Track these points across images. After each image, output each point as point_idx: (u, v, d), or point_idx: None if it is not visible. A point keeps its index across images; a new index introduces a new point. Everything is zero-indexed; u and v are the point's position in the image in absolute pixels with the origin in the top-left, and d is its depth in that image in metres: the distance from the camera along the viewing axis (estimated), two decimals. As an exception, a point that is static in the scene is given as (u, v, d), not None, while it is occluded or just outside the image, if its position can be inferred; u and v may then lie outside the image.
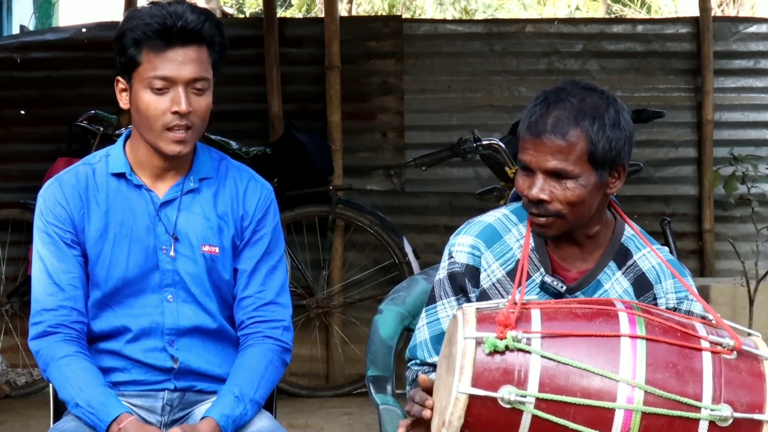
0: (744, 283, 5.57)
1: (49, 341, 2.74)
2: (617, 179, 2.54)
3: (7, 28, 11.58)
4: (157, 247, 2.78)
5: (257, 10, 14.23)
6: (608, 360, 2.16)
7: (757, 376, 2.19)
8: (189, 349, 2.81)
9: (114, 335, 2.80)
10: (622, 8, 14.37)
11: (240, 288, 2.85)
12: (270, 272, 2.86)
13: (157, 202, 2.79)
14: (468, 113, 6.46)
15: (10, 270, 6.23)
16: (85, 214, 2.78)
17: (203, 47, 2.71)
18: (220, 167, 2.87)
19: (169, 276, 2.78)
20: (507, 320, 2.17)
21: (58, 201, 2.78)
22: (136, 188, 2.80)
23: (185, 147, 2.73)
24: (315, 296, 6.01)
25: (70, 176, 2.81)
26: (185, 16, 2.67)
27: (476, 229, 2.66)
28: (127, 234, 2.77)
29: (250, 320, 2.84)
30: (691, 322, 2.28)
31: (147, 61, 2.69)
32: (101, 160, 2.84)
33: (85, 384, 2.68)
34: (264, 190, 2.88)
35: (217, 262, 2.81)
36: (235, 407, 2.70)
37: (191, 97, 2.70)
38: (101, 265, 2.77)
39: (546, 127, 2.46)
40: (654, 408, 2.14)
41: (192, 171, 2.82)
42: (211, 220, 2.81)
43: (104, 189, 2.80)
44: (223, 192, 2.84)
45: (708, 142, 6.44)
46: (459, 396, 2.13)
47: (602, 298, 2.41)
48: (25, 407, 5.64)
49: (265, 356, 2.81)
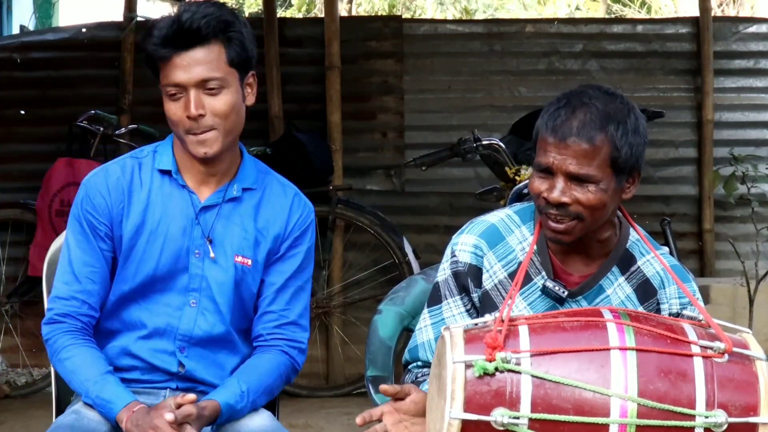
0: (744, 283, 5.57)
1: (55, 330, 2.75)
2: (632, 185, 2.54)
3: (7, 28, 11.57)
4: (191, 249, 2.77)
5: (257, 10, 14.22)
6: (599, 374, 2.15)
7: (750, 378, 2.18)
8: (198, 360, 2.80)
9: (127, 329, 2.79)
10: (622, 8, 14.36)
11: (265, 302, 2.83)
12: (297, 292, 2.85)
13: (198, 205, 2.78)
14: (468, 113, 6.46)
15: (10, 270, 6.23)
16: (125, 208, 2.77)
17: (213, 45, 2.67)
18: (265, 180, 2.85)
19: (197, 280, 2.77)
20: (495, 341, 2.16)
21: (99, 191, 2.77)
22: (180, 188, 2.78)
23: (210, 148, 2.70)
24: (315, 296, 6.01)
25: (116, 168, 2.80)
26: (183, 18, 2.65)
27: (479, 228, 2.65)
28: (162, 232, 2.76)
29: (271, 336, 2.83)
30: (680, 325, 2.27)
31: (161, 71, 2.69)
32: (149, 155, 2.82)
33: (87, 377, 2.69)
34: (307, 209, 2.87)
35: (248, 274, 2.79)
36: (239, 400, 2.70)
37: (204, 99, 2.67)
38: (132, 260, 2.76)
39: (572, 130, 2.44)
40: (648, 420, 2.13)
41: (236, 179, 2.80)
42: (249, 232, 2.80)
43: (147, 185, 2.79)
44: (265, 205, 2.82)
45: (708, 142, 6.44)
46: (452, 422, 2.12)
47: (589, 308, 2.39)
48: (25, 407, 5.65)
49: (278, 368, 2.81)
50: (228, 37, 2.68)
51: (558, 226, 2.49)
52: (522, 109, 6.14)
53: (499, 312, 2.29)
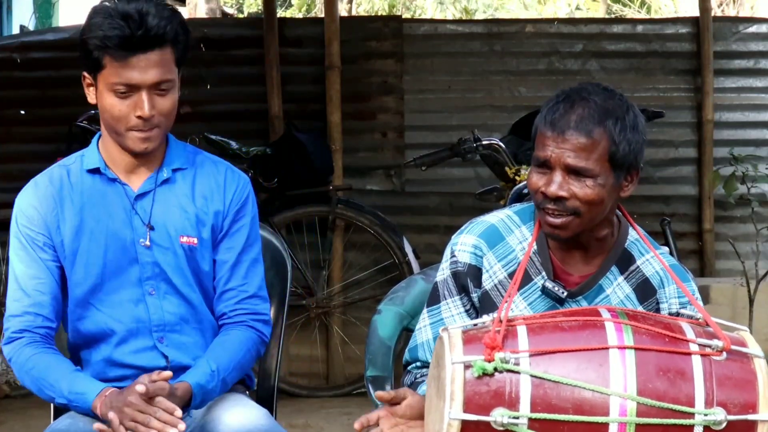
0: (744, 283, 5.58)
1: (15, 347, 2.75)
2: (630, 183, 2.54)
3: (7, 28, 11.58)
4: (135, 240, 2.78)
5: (257, 10, 14.23)
6: (598, 374, 2.15)
7: (748, 375, 2.18)
8: (178, 346, 2.81)
9: (101, 339, 2.80)
10: (622, 8, 14.37)
11: (222, 280, 2.85)
12: (252, 264, 2.87)
13: (132, 195, 2.79)
14: (468, 113, 6.46)
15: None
16: (59, 214, 2.78)
17: (166, 48, 2.69)
18: (195, 159, 2.87)
19: (149, 268, 2.78)
20: (494, 342, 2.16)
21: (31, 203, 2.79)
22: (111, 182, 2.80)
23: (151, 144, 2.73)
24: (315, 296, 6.01)
25: (44, 178, 2.83)
26: (147, 22, 2.64)
27: (479, 229, 2.65)
28: (103, 229, 2.77)
29: (234, 312, 2.85)
30: (678, 323, 2.27)
31: (110, 66, 2.68)
32: (76, 160, 2.85)
33: (56, 378, 2.69)
34: (242, 181, 2.88)
35: (196, 252, 2.81)
36: (210, 380, 2.71)
37: (154, 99, 2.69)
38: (79, 262, 2.77)
39: (570, 124, 2.44)
40: (647, 419, 2.13)
41: (165, 162, 2.82)
42: (189, 212, 2.81)
43: (79, 187, 2.80)
44: (200, 183, 2.84)
45: (708, 142, 6.44)
46: (451, 422, 2.12)
47: (587, 308, 2.40)
48: (25, 407, 5.64)
49: (245, 343, 2.82)
50: (178, 40, 2.72)
51: (555, 221, 2.49)
52: (522, 109, 6.14)
53: (497, 312, 2.29)
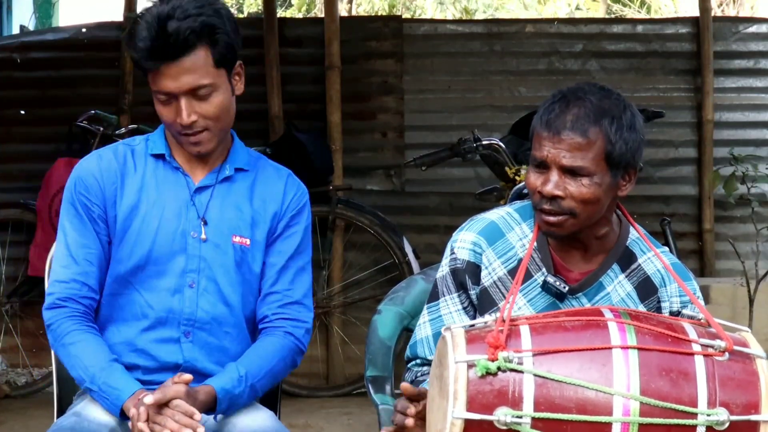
0: (744, 283, 5.58)
1: (57, 315, 2.74)
2: (628, 182, 2.54)
3: (7, 28, 11.57)
4: (186, 231, 2.77)
5: (257, 10, 14.23)
6: (601, 373, 2.15)
7: (750, 376, 2.18)
8: (201, 346, 2.78)
9: (130, 320, 2.78)
10: (622, 8, 14.36)
11: (268, 283, 2.83)
12: (299, 272, 2.85)
13: (192, 187, 2.79)
14: (468, 113, 6.46)
15: (10, 270, 6.23)
16: (118, 189, 2.77)
17: (199, 51, 2.65)
18: (258, 163, 2.87)
19: (195, 261, 2.76)
20: (497, 341, 2.16)
21: (92, 173, 2.78)
22: (174, 170, 2.80)
23: (203, 147, 2.73)
24: (315, 296, 6.01)
25: (108, 153, 2.81)
26: (168, 29, 2.61)
27: (479, 226, 2.65)
28: (158, 214, 2.77)
29: (275, 316, 2.82)
30: (681, 324, 2.27)
31: (150, 75, 2.69)
32: (141, 142, 2.84)
33: (92, 363, 2.68)
34: (301, 189, 2.89)
35: (248, 254, 2.80)
36: (236, 385, 2.68)
37: (194, 105, 2.67)
38: (128, 240, 2.76)
39: (565, 124, 2.45)
40: (650, 418, 2.13)
41: (228, 160, 2.82)
42: (245, 212, 2.81)
43: (141, 168, 2.80)
44: (260, 186, 2.84)
45: (708, 142, 6.44)
46: (455, 421, 2.12)
47: (590, 308, 2.40)
48: (25, 407, 5.65)
49: (281, 351, 2.80)
50: (214, 39, 2.67)
51: (550, 219, 2.50)
52: (522, 109, 6.14)
53: (499, 311, 2.29)
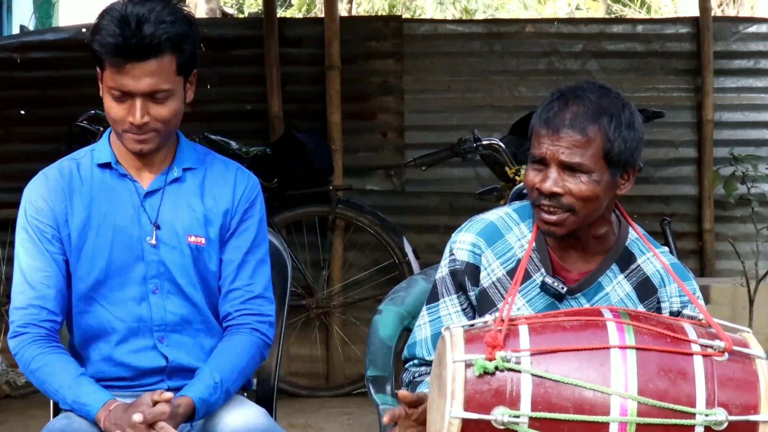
0: (744, 283, 5.58)
1: (21, 342, 2.74)
2: (627, 181, 2.54)
3: (7, 28, 11.58)
4: (141, 237, 2.77)
5: (257, 10, 14.23)
6: (599, 373, 2.15)
7: (750, 376, 2.18)
8: (179, 347, 2.79)
9: (102, 336, 2.79)
10: (622, 8, 14.37)
11: (228, 280, 2.83)
12: (258, 265, 2.86)
13: (142, 192, 2.79)
14: (468, 113, 6.46)
15: (10, 270, 6.19)
16: (68, 206, 2.77)
17: (165, 56, 2.65)
18: (206, 159, 2.87)
19: (154, 267, 2.77)
20: (495, 341, 2.16)
21: (40, 194, 2.79)
22: (121, 178, 2.80)
23: (147, 146, 2.72)
24: (315, 296, 6.00)
25: (54, 171, 2.82)
26: (143, 30, 2.61)
27: (478, 226, 2.66)
28: (110, 225, 2.76)
29: (238, 312, 2.83)
30: (680, 324, 2.27)
31: (108, 70, 2.68)
32: (86, 154, 2.85)
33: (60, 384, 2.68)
34: (251, 181, 2.87)
35: (203, 252, 2.80)
36: (213, 393, 2.69)
37: (149, 106, 2.67)
38: (84, 256, 2.76)
39: (564, 122, 2.46)
40: (648, 418, 2.13)
41: (175, 161, 2.82)
42: (197, 211, 2.80)
43: (88, 181, 2.80)
44: (209, 183, 2.83)
45: (708, 142, 6.44)
46: (452, 421, 2.12)
47: (589, 308, 2.40)
48: (25, 407, 5.64)
49: (250, 349, 2.81)
50: (181, 48, 2.68)
51: (550, 218, 2.50)
52: (522, 109, 6.14)
53: (498, 311, 2.29)
